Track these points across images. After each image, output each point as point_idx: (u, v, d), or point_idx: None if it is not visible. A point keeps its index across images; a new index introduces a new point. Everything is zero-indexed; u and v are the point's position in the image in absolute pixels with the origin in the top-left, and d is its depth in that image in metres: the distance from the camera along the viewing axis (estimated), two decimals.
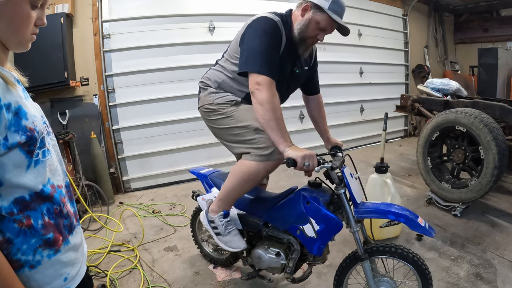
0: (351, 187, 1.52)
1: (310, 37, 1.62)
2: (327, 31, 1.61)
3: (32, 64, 3.02)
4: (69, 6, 3.45)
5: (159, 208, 3.41)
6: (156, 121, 4.04)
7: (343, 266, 1.64)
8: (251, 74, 1.52)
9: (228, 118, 1.71)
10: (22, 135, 0.73)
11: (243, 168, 1.65)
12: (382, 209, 1.52)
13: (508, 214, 2.98)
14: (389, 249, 1.51)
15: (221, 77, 1.76)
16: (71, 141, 3.16)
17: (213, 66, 1.87)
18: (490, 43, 6.73)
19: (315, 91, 2.02)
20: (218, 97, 1.74)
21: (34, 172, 0.77)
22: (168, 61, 4.01)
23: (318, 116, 2.04)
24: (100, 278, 2.22)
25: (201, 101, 1.85)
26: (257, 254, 1.77)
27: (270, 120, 1.46)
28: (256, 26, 1.58)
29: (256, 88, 1.49)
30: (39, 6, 0.77)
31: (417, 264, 1.49)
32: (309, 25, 1.59)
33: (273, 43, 1.56)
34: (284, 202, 1.71)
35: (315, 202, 1.56)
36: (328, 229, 1.55)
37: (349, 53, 5.37)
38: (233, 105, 1.71)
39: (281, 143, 1.46)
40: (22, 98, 0.77)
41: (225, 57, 1.79)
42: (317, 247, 1.59)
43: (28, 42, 0.79)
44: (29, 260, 0.77)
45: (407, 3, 6.10)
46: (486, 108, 3.03)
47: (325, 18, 1.55)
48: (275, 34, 1.57)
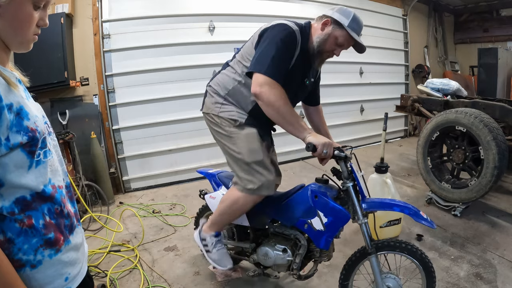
0: (359, 181, 1.59)
1: (327, 51, 1.68)
2: (344, 47, 1.68)
3: (32, 64, 3.00)
4: (69, 6, 3.45)
5: (159, 208, 3.41)
6: (156, 121, 4.04)
7: (352, 260, 1.66)
8: (256, 74, 1.52)
9: (227, 138, 1.74)
10: (24, 136, 0.73)
11: (232, 198, 1.76)
12: (387, 202, 1.62)
13: (508, 214, 2.98)
14: (399, 245, 1.55)
15: (231, 84, 1.74)
16: (71, 141, 3.16)
17: (223, 70, 1.83)
18: (490, 43, 6.73)
19: (316, 102, 2.05)
20: (223, 111, 1.74)
21: (35, 173, 0.77)
22: (168, 61, 4.01)
23: (319, 122, 2.07)
24: (100, 278, 2.22)
25: (205, 107, 1.84)
26: (264, 251, 1.80)
27: (283, 116, 1.51)
28: (275, 32, 1.59)
29: (258, 90, 1.49)
30: (41, 6, 0.77)
31: (424, 261, 1.53)
32: (328, 39, 1.64)
33: (287, 52, 1.58)
34: (293, 198, 1.75)
35: (324, 196, 1.62)
36: (336, 221, 1.60)
37: (349, 53, 5.28)
38: (235, 126, 1.71)
39: (300, 132, 1.52)
40: (23, 98, 0.78)
41: (237, 58, 1.76)
42: (324, 239, 1.63)
43: (30, 42, 0.79)
44: (30, 259, 0.77)
45: (407, 3, 6.10)
46: (486, 108, 3.03)
47: (344, 35, 1.61)
48: (290, 43, 1.59)
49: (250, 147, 1.68)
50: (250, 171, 1.68)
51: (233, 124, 1.72)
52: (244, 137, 1.70)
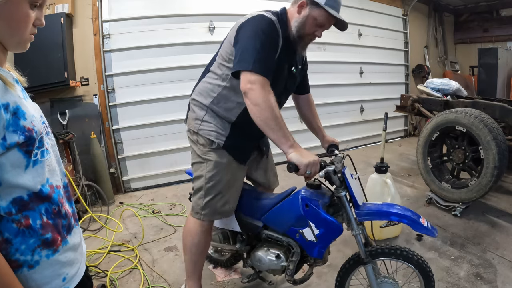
0: (352, 189, 1.47)
1: (308, 34, 1.56)
2: (325, 26, 1.55)
3: (32, 64, 3.02)
4: (69, 6, 3.45)
5: (159, 208, 3.41)
6: (156, 121, 4.04)
7: (346, 268, 1.61)
8: (243, 72, 1.40)
9: (199, 158, 1.68)
10: (21, 135, 0.73)
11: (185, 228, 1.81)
12: (384, 211, 1.48)
13: (508, 214, 2.97)
14: (394, 251, 1.49)
15: (215, 91, 1.62)
16: (71, 141, 3.16)
17: (203, 78, 1.72)
18: (490, 43, 6.73)
19: (306, 90, 1.96)
20: (202, 128, 1.65)
21: (32, 172, 0.77)
22: (168, 61, 4.01)
23: (310, 115, 1.98)
24: (100, 278, 2.22)
25: (188, 122, 1.76)
26: (257, 256, 1.74)
27: (267, 119, 1.35)
28: (253, 25, 1.48)
29: (248, 87, 1.37)
30: (38, 5, 0.77)
31: (421, 266, 1.48)
32: (306, 22, 1.53)
33: (271, 43, 1.47)
34: (283, 204, 1.65)
35: (314, 206, 1.50)
36: (328, 234, 1.50)
37: (349, 53, 5.37)
38: (211, 149, 1.64)
39: (283, 144, 1.36)
40: (21, 98, 0.77)
41: (217, 61, 1.64)
42: (317, 251, 1.55)
43: (27, 42, 0.79)
44: (27, 260, 0.77)
45: (407, 3, 6.10)
46: (486, 108, 3.03)
47: (322, 14, 1.49)
48: (272, 34, 1.49)
49: (214, 175, 1.62)
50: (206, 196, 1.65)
51: (209, 147, 1.64)
52: (212, 163, 1.63)
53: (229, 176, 1.67)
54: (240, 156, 1.69)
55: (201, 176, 1.67)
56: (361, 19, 5.48)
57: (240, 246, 1.87)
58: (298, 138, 1.62)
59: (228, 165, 1.65)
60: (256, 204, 1.75)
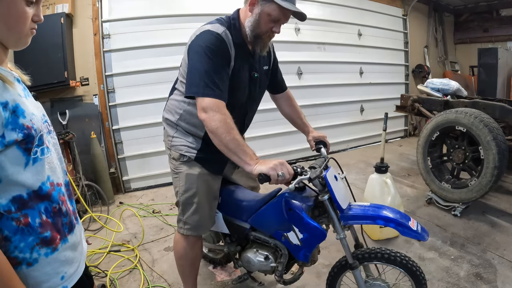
0: (335, 193, 1.41)
1: (265, 31, 1.48)
2: (281, 21, 1.47)
3: (32, 64, 3.00)
4: (69, 6, 3.46)
5: (159, 208, 3.41)
6: (156, 121, 4.03)
7: (335, 272, 1.60)
8: (197, 98, 1.38)
9: (174, 173, 1.67)
10: (19, 133, 0.74)
11: (174, 245, 1.79)
12: (370, 214, 1.43)
13: (508, 214, 2.97)
14: (375, 255, 1.47)
15: (181, 108, 1.59)
16: (71, 141, 3.17)
17: (170, 95, 1.68)
18: (490, 43, 6.73)
19: (282, 88, 1.90)
20: (174, 144, 1.64)
21: (32, 170, 0.77)
22: (168, 61, 4.00)
23: (292, 112, 1.90)
24: (100, 278, 2.22)
25: (163, 139, 1.76)
26: (246, 258, 1.72)
27: (227, 144, 1.32)
28: (199, 44, 1.42)
29: (203, 117, 1.35)
30: (34, 2, 0.77)
31: (407, 267, 1.46)
32: (260, 19, 1.45)
33: (220, 59, 1.41)
34: (267, 207, 1.61)
35: (298, 210, 1.46)
36: (311, 238, 1.47)
37: (349, 53, 5.37)
38: (182, 161, 1.62)
39: (245, 163, 1.32)
40: (21, 96, 0.78)
41: (179, 78, 1.60)
42: (302, 254, 1.53)
43: (27, 37, 0.79)
44: (26, 258, 0.77)
45: (407, 3, 6.10)
46: (486, 108, 3.03)
47: (275, 8, 1.41)
48: (221, 48, 1.42)
49: (187, 188, 1.61)
50: (183, 211, 1.66)
51: (181, 160, 1.62)
52: (184, 176, 1.62)
53: (204, 188, 1.63)
54: (213, 168, 1.65)
55: (177, 191, 1.67)
56: (361, 19, 5.48)
57: (229, 247, 1.86)
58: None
59: (200, 176, 1.61)
60: (242, 206, 1.71)
